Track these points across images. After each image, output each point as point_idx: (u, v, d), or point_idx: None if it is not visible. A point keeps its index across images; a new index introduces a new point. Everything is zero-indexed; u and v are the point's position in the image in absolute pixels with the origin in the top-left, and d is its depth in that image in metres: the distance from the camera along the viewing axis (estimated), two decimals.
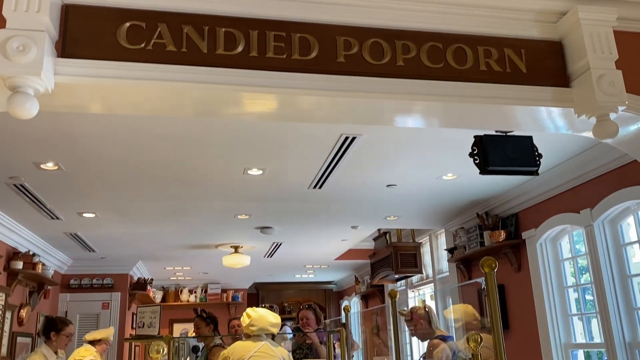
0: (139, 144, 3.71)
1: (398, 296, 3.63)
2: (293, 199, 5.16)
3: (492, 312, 2.20)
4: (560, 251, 4.77)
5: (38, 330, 4.58)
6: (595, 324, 4.45)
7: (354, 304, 11.03)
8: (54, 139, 3.56)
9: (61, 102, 2.38)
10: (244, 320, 3.72)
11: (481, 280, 2.33)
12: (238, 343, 3.67)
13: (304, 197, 5.11)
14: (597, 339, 4.34)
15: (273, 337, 3.93)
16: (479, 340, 2.21)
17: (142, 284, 8.63)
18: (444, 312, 3.94)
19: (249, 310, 3.78)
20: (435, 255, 7.27)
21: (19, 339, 6.12)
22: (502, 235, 5.09)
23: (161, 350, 1.96)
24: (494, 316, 2.20)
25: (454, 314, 3.87)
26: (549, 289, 4.69)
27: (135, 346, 9.55)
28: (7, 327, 5.74)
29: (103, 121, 3.34)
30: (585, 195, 4.26)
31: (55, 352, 4.45)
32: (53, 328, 4.47)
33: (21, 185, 4.44)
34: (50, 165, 4.01)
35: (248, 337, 3.72)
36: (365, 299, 10.19)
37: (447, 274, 6.79)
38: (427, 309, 4.01)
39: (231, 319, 5.91)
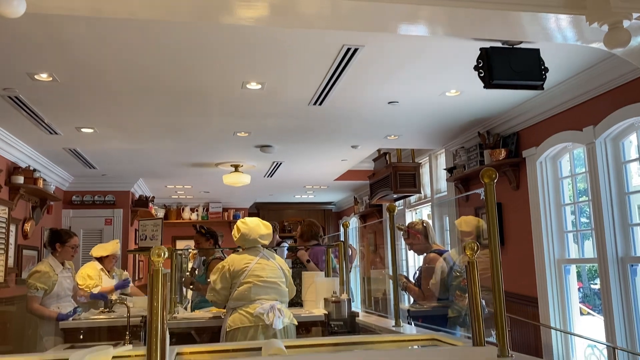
0: (135, 55, 3.60)
1: (396, 210, 3.66)
2: (293, 116, 5.10)
3: (490, 222, 2.21)
4: (559, 169, 4.78)
5: (44, 242, 4.64)
6: (588, 242, 4.54)
7: (352, 224, 11.24)
8: (46, 48, 3.45)
9: (50, 2, 2.28)
10: (235, 234, 3.75)
11: (480, 191, 2.33)
12: (234, 255, 3.72)
13: (304, 114, 5.05)
14: (590, 255, 4.44)
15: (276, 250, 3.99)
16: (475, 248, 2.24)
17: (143, 201, 8.73)
18: (455, 222, 3.99)
19: (239, 223, 3.78)
20: (434, 175, 7.30)
21: (25, 252, 6.27)
22: (503, 153, 5.09)
23: (162, 254, 1.98)
24: (492, 227, 2.21)
25: (461, 226, 3.93)
26: (546, 206, 4.75)
27: (139, 261, 9.82)
28: (12, 240, 5.86)
29: (96, 28, 3.22)
30: (588, 112, 4.21)
31: (62, 264, 4.53)
32: (58, 239, 4.53)
33: (16, 98, 4.37)
34: (44, 76, 3.92)
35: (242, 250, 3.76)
36: (363, 219, 10.37)
37: (445, 193, 6.85)
38: (424, 224, 4.08)
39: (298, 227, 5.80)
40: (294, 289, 3.88)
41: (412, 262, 7.38)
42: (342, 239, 4.93)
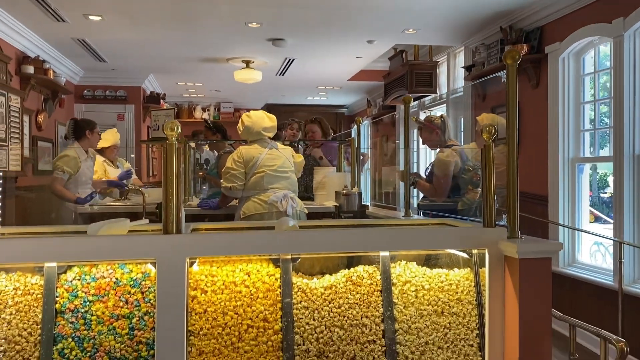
0: None
1: (412, 101, 3.59)
2: (307, 5, 4.88)
3: (510, 105, 2.15)
4: (582, 66, 4.61)
5: (67, 133, 4.71)
6: (604, 142, 4.47)
7: (364, 127, 11.16)
8: None
9: None
10: (239, 128, 3.72)
11: (502, 74, 2.24)
12: (244, 146, 3.70)
13: (319, 3, 4.82)
14: (606, 154, 4.39)
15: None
16: (493, 132, 2.19)
17: (155, 98, 8.67)
18: (477, 118, 3.91)
19: (243, 116, 3.74)
20: (452, 75, 7.10)
21: (40, 143, 6.34)
22: (525, 49, 4.89)
23: (175, 128, 1.96)
24: (511, 111, 2.15)
25: (483, 121, 3.85)
26: (565, 104, 4.63)
27: (152, 158, 9.93)
28: (26, 131, 5.90)
29: None
30: (619, 3, 3.97)
31: (86, 152, 4.63)
32: (87, 127, 4.62)
33: None
34: None
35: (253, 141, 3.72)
36: (376, 123, 10.26)
37: (462, 94, 6.70)
38: (442, 118, 4.01)
39: (288, 127, 5.73)
40: (300, 162, 3.89)
41: (423, 159, 7.36)
42: (354, 135, 4.91)
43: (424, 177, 4.19)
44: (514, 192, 2.06)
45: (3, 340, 1.82)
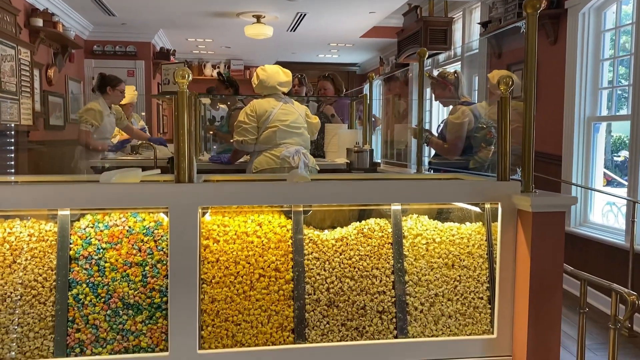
0: None
1: (427, 55, 3.51)
2: None
3: (529, 56, 2.09)
4: (603, 22, 4.47)
5: (93, 86, 4.77)
6: (622, 102, 4.37)
7: (376, 86, 11.01)
8: None
9: None
10: (254, 81, 3.65)
11: (522, 24, 2.17)
12: (258, 99, 3.65)
13: None
14: (624, 112, 4.30)
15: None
16: (510, 83, 2.14)
17: (164, 54, 8.57)
18: (488, 75, 3.82)
19: (258, 69, 3.66)
20: (467, 32, 6.93)
21: (51, 98, 6.32)
22: (544, 4, 4.74)
23: (186, 76, 1.93)
24: (530, 63, 2.10)
25: (494, 79, 3.76)
26: (583, 61, 4.51)
27: (163, 116, 9.90)
28: (37, 85, 5.88)
29: None
30: None
31: (110, 107, 4.68)
32: (109, 83, 4.65)
33: None
34: None
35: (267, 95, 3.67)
36: (388, 82, 10.12)
37: (477, 51, 6.55)
38: (456, 74, 3.93)
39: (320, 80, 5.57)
40: (315, 123, 3.83)
41: (436, 117, 7.27)
42: (366, 91, 4.84)
43: (436, 135, 4.14)
44: (530, 145, 2.03)
45: (20, 285, 1.85)
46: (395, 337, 2.05)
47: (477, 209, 2.21)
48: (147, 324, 1.90)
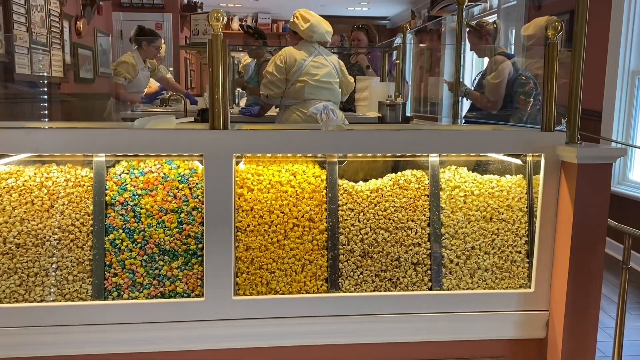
0: None
1: (466, 2, 3.36)
2: None
3: (579, 8, 1.97)
4: None
5: (130, 36, 4.74)
6: None
7: (407, 40, 10.69)
8: None
9: None
10: (300, 24, 3.52)
11: None
12: (289, 48, 3.54)
13: None
14: None
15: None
16: (559, 27, 2.02)
17: (192, 6, 8.47)
18: (523, 26, 3.66)
19: (302, 12, 3.51)
20: None
21: (80, 50, 6.32)
22: None
23: (221, 18, 1.87)
24: (581, 6, 1.97)
25: (526, 31, 3.59)
26: (630, 11, 4.28)
27: (191, 70, 9.86)
28: (67, 37, 5.87)
29: None
30: None
31: (144, 61, 4.67)
32: (143, 37, 4.62)
33: None
34: None
35: (299, 44, 3.54)
36: (419, 34, 9.81)
37: (514, 2, 6.28)
38: (495, 25, 3.78)
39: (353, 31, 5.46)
40: (350, 83, 3.74)
41: (469, 71, 7.05)
42: (399, 43, 4.69)
43: (472, 87, 4.01)
44: (577, 93, 1.93)
45: (58, 229, 1.87)
46: (430, 289, 2.03)
47: (518, 161, 2.14)
48: (183, 270, 1.91)
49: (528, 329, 2.05)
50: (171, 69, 7.89)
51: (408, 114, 5.05)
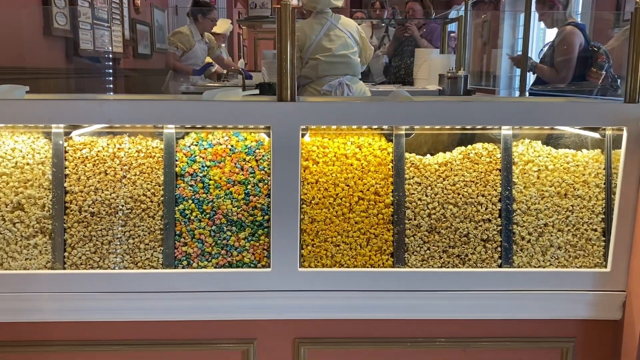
0: None
1: None
2: None
3: None
4: None
5: (187, 11, 4.84)
6: None
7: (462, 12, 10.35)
8: None
9: None
10: None
11: None
12: (300, 23, 3.38)
13: None
14: None
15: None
16: None
17: None
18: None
19: None
20: None
21: (138, 26, 6.43)
22: None
23: None
24: None
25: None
26: None
27: (243, 46, 9.90)
28: (126, 13, 5.98)
29: None
30: None
31: (202, 35, 4.75)
32: (200, 11, 4.69)
33: None
34: None
35: (311, 16, 3.39)
36: (477, 5, 9.46)
37: None
38: None
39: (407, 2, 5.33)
40: (369, 50, 3.56)
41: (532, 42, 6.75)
42: (461, 13, 4.54)
43: (537, 60, 3.84)
44: None
45: (130, 199, 1.92)
46: (500, 267, 1.97)
47: (596, 135, 2.03)
48: (250, 240, 1.93)
49: (603, 310, 1.97)
50: (223, 44, 7.93)
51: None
